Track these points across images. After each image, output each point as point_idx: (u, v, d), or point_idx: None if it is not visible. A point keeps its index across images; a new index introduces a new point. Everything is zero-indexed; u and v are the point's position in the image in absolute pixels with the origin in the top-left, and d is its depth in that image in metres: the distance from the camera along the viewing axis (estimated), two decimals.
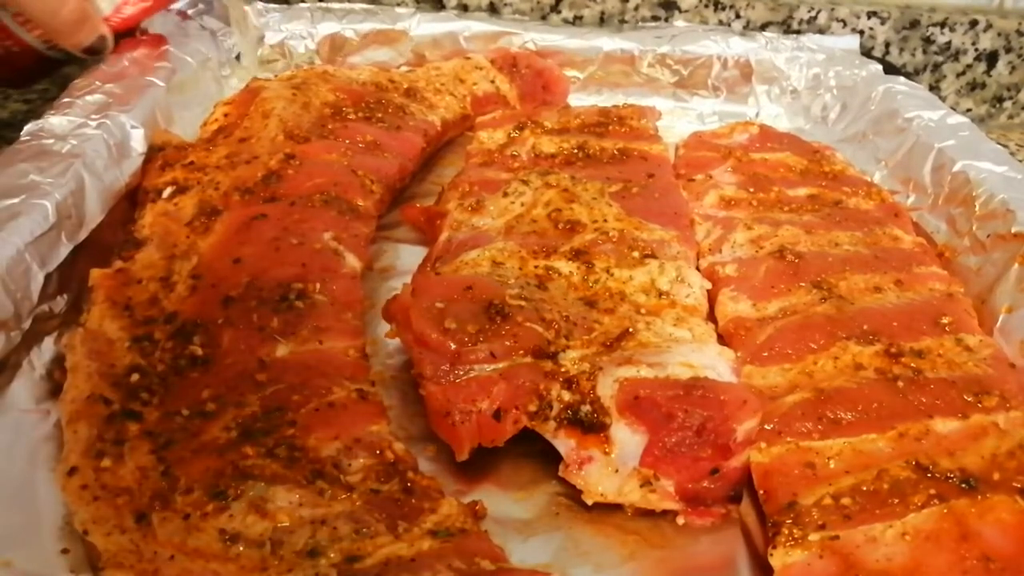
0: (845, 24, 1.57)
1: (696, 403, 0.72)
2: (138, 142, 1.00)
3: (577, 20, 1.59)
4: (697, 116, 1.46)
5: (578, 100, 1.44)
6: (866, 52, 1.54)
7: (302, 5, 1.49)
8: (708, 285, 0.93)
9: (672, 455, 0.71)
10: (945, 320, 0.86)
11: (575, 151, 1.17)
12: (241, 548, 0.61)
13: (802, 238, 1.00)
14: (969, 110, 1.64)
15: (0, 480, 0.69)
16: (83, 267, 0.86)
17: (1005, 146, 1.16)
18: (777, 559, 0.65)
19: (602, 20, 1.59)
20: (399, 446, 0.71)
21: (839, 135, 1.35)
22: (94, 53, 1.11)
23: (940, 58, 1.59)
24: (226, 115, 1.15)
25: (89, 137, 0.94)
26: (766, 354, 0.83)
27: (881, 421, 0.74)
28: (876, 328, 0.84)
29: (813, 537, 0.65)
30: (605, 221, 0.97)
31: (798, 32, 1.56)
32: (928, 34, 1.57)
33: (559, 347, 0.78)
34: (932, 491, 0.67)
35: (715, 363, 0.78)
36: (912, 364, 0.80)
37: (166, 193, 0.97)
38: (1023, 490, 0.67)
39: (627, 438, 0.72)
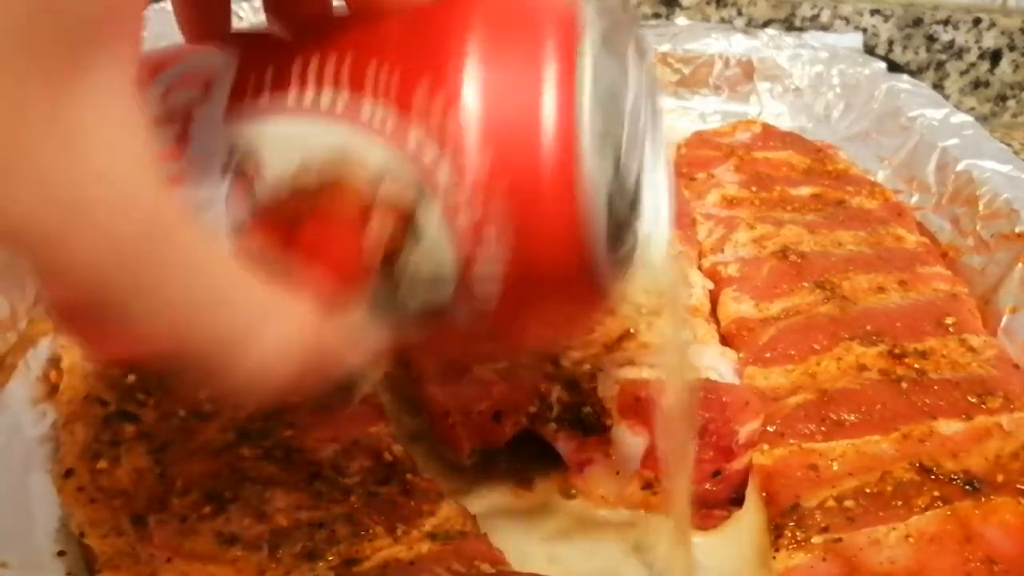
0: (848, 22, 1.56)
1: (698, 405, 0.71)
2: None
3: None
4: (699, 115, 1.45)
5: None
6: (869, 50, 1.53)
7: None
8: (710, 285, 0.92)
9: None
10: (949, 320, 0.86)
11: None
12: (239, 551, 0.60)
13: (805, 238, 0.99)
14: (973, 109, 1.63)
15: None
16: None
17: (1009, 145, 1.15)
18: (780, 562, 0.64)
19: None
20: (398, 448, 0.70)
21: (842, 134, 1.34)
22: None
23: (943, 56, 1.58)
24: None
25: None
26: (769, 355, 0.83)
27: (884, 422, 0.74)
28: (879, 329, 0.84)
29: (816, 539, 0.65)
30: None
31: (801, 30, 1.55)
32: (931, 32, 1.56)
33: (559, 348, 0.78)
34: (936, 493, 0.67)
35: (717, 364, 0.77)
36: (916, 365, 0.79)
37: None
38: None
39: (628, 440, 0.72)
